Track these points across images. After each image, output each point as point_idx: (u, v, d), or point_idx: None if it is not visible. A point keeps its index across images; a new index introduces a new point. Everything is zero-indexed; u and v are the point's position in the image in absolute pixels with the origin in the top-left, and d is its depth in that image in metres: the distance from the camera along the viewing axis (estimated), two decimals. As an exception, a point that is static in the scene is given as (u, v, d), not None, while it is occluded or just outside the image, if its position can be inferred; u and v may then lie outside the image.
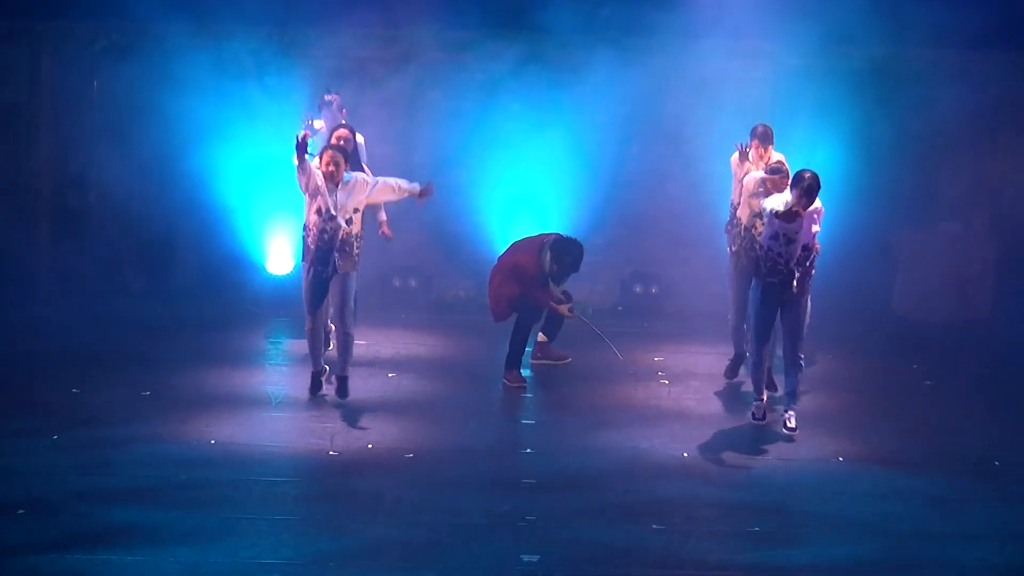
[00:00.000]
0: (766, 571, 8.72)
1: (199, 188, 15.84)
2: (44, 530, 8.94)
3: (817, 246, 11.50)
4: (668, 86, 16.00)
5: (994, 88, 15.91)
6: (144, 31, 15.59)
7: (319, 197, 11.78)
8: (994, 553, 9.09)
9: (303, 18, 15.62)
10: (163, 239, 16.30)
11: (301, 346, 12.90)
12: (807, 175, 11.08)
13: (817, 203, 11.28)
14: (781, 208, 11.07)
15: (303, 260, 12.08)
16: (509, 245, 13.40)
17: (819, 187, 11.09)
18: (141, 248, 16.36)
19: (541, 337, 13.79)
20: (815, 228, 11.39)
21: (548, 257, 13.07)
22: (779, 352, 12.16)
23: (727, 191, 13.46)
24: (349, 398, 12.30)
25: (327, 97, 13.74)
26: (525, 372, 13.30)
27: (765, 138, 12.76)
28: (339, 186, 11.82)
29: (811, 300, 11.71)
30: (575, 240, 13.21)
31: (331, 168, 11.78)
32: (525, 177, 15.29)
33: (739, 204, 12.74)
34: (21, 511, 9.28)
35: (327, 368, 12.47)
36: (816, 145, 15.17)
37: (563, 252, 13.09)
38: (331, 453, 10.90)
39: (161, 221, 16.32)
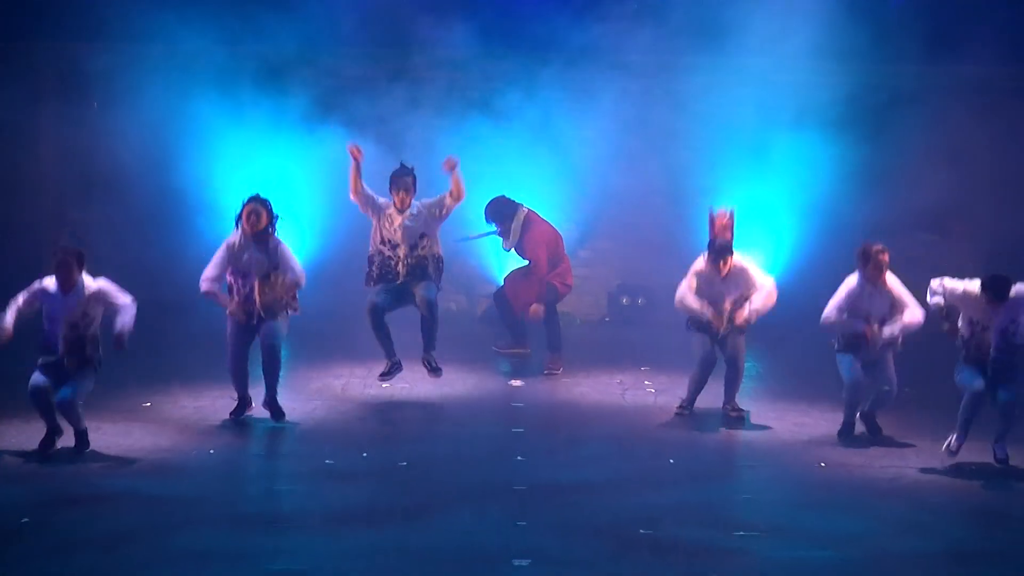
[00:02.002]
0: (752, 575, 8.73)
1: (199, 196, 15.82)
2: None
3: None
4: (654, 103, 16.01)
5: (968, 103, 15.90)
6: (142, 52, 15.56)
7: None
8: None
9: (301, 37, 15.60)
10: (167, 248, 16.18)
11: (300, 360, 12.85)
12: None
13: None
14: None
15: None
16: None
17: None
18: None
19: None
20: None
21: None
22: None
23: (706, 203, 13.51)
24: (345, 408, 12.28)
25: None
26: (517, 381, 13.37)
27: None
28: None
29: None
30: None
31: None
32: (516, 193, 15.22)
33: None
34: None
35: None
36: (797, 158, 15.24)
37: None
38: (327, 462, 10.86)
39: (165, 229, 16.24)
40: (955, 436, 11.03)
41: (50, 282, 10.74)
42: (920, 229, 16.03)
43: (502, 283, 14.56)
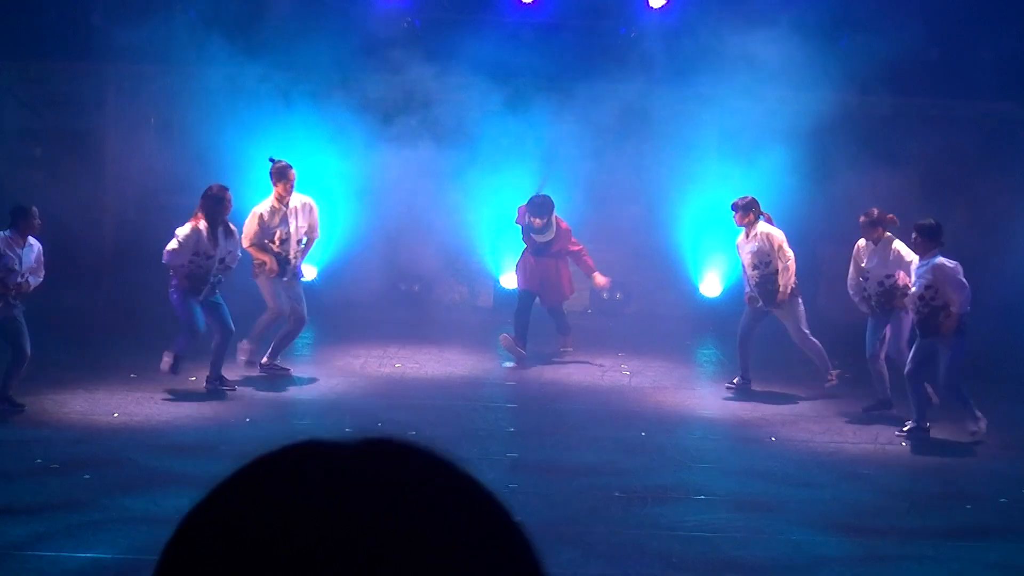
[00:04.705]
0: (710, 530, 8.82)
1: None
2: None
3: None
4: (630, 123, 16.04)
5: (908, 123, 15.97)
6: (191, 74, 15.60)
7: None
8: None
9: (327, 64, 15.66)
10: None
11: (324, 342, 12.91)
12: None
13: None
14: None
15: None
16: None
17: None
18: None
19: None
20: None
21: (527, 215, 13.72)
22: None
23: (679, 211, 13.54)
24: (363, 384, 12.39)
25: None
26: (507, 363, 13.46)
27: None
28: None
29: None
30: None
31: None
32: (511, 198, 15.30)
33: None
34: (87, 475, 9.36)
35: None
36: (756, 177, 15.26)
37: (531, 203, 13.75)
38: (346, 430, 10.92)
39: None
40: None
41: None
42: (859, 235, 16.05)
43: (537, 291, 14.10)
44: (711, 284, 16.19)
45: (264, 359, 12.52)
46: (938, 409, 11.69)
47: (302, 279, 12.84)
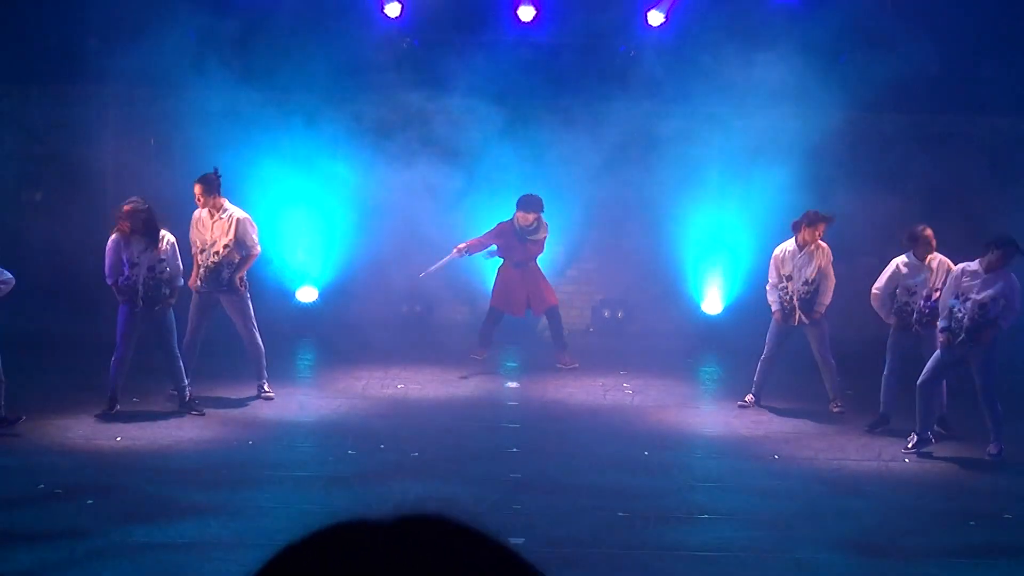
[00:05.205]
0: (713, 550, 8.84)
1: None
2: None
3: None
4: (630, 141, 16.08)
5: (905, 141, 16.00)
6: (190, 97, 15.64)
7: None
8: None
9: (326, 85, 15.72)
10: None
11: (326, 364, 12.91)
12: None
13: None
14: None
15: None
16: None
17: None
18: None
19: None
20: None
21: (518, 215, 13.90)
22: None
23: (682, 230, 13.55)
24: (365, 406, 12.45)
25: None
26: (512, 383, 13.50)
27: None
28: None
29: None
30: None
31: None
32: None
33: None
34: (90, 500, 9.39)
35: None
36: (757, 194, 15.32)
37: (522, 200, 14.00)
38: (349, 452, 11.00)
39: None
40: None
41: None
42: (863, 253, 16.09)
43: (529, 302, 14.41)
44: (712, 302, 16.23)
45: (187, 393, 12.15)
46: (944, 424, 11.77)
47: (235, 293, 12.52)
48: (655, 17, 15.99)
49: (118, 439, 11.09)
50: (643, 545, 8.90)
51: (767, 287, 12.76)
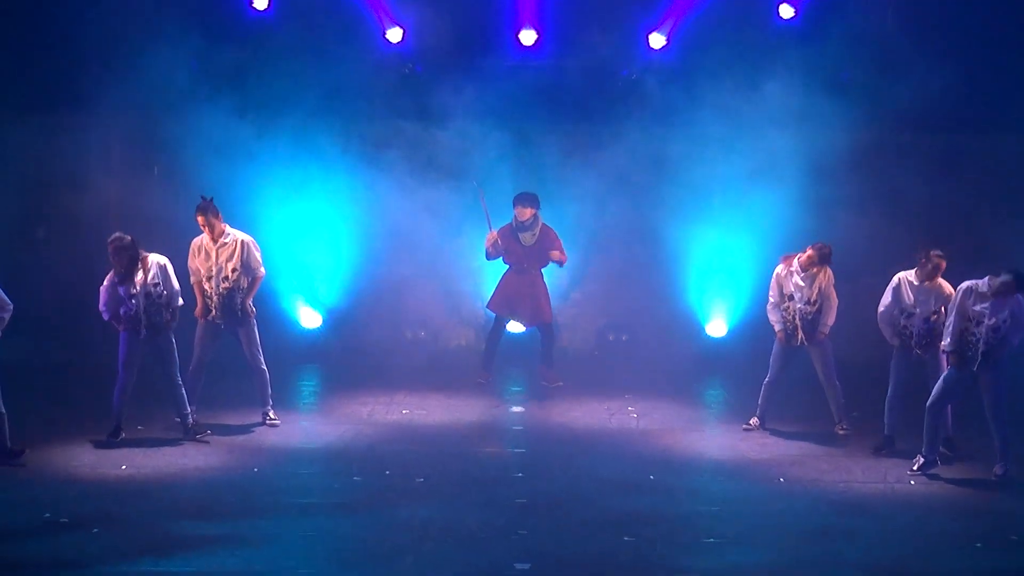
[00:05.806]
0: (719, 574, 8.86)
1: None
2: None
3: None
4: (633, 164, 16.11)
5: (901, 160, 16.02)
6: (193, 125, 15.69)
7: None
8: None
9: (330, 111, 15.80)
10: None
11: (331, 390, 12.93)
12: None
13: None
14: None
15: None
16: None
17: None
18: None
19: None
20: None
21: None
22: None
23: (685, 253, 13.54)
24: (370, 432, 12.48)
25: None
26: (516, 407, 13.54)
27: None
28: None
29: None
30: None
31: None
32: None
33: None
34: (96, 529, 9.43)
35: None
36: (760, 215, 15.35)
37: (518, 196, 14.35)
38: (355, 478, 11.02)
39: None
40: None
41: None
42: (867, 274, 16.11)
43: (512, 312, 14.59)
44: (717, 325, 16.25)
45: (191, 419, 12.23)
46: (949, 446, 11.79)
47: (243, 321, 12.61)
48: (657, 40, 16.05)
49: (123, 467, 11.13)
50: (649, 569, 8.91)
51: (768, 306, 12.83)
